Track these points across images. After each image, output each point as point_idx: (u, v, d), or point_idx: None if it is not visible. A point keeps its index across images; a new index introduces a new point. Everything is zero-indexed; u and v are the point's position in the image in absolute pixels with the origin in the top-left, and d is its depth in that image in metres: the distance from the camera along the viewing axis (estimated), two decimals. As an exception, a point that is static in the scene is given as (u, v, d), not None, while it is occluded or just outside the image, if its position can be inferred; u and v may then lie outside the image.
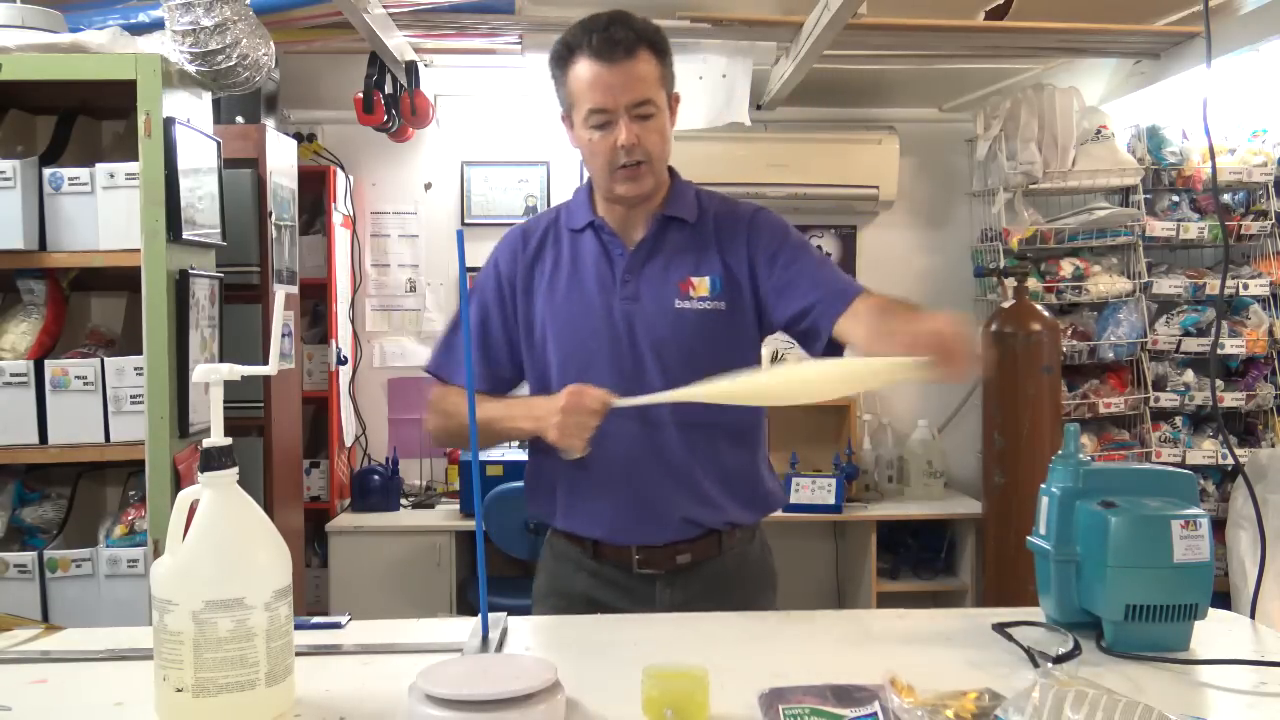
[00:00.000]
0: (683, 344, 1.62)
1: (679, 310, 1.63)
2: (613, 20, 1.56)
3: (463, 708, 0.99)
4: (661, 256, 1.66)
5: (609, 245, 1.67)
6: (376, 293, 4.15)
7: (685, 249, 1.67)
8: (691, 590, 1.66)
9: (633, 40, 1.55)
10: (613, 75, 1.55)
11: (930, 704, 1.05)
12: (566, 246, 1.70)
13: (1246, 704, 1.17)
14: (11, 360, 2.30)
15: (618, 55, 1.54)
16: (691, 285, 1.64)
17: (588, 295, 1.65)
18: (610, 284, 1.65)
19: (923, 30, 3.23)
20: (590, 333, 1.64)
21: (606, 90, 1.55)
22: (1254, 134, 3.91)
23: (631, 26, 1.56)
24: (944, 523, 3.92)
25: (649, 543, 1.65)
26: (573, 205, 1.74)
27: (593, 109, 1.57)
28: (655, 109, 1.58)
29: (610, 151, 1.58)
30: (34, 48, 2.29)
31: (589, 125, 1.58)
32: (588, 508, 1.65)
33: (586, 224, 1.69)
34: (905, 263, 4.22)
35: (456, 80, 3.99)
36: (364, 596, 3.55)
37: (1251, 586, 2.02)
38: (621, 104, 1.55)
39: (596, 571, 1.68)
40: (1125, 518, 1.29)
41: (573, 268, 1.68)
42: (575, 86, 1.59)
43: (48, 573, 2.30)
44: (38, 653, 1.35)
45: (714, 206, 1.72)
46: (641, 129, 1.57)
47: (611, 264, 1.66)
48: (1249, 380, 3.95)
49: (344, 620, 1.47)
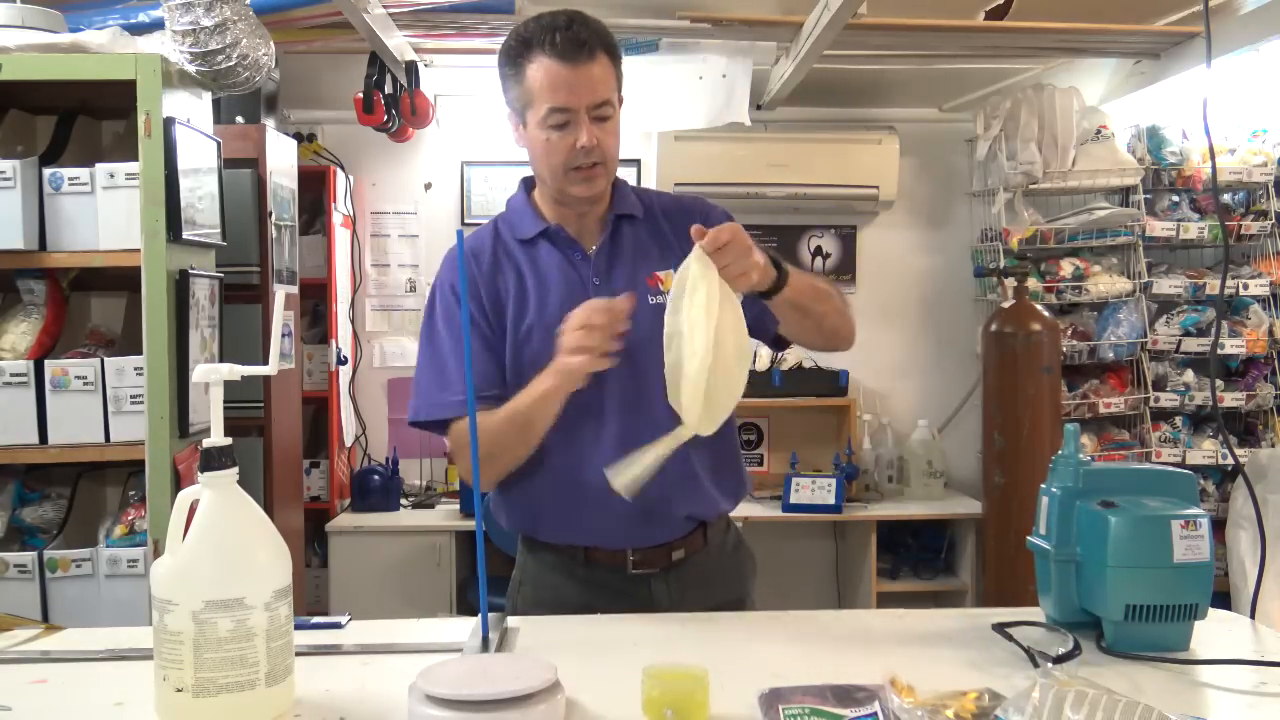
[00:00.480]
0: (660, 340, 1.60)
1: (655, 305, 1.60)
2: (573, 20, 1.54)
3: (463, 708, 0.99)
4: (625, 255, 1.65)
5: (568, 252, 1.64)
6: (376, 293, 4.15)
7: (645, 245, 1.66)
8: (686, 584, 1.65)
9: (594, 42, 1.54)
10: (575, 75, 1.53)
11: (930, 704, 1.05)
12: (522, 259, 1.65)
13: (1246, 704, 1.17)
14: (11, 360, 2.31)
15: (580, 56, 1.52)
16: (660, 280, 1.63)
17: (561, 304, 1.59)
18: (580, 290, 1.61)
19: (923, 30, 3.23)
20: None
21: (569, 90, 1.53)
22: (1254, 134, 3.91)
23: (589, 26, 1.55)
24: (944, 523, 3.92)
25: (646, 544, 1.63)
26: (512, 217, 1.69)
27: (554, 108, 1.54)
28: (612, 110, 1.57)
29: (568, 152, 1.56)
30: (34, 48, 2.29)
31: (547, 125, 1.56)
32: (582, 519, 1.61)
33: (539, 232, 1.65)
34: (905, 263, 4.22)
35: (456, 80, 3.99)
36: (364, 596, 3.54)
37: (1251, 586, 2.02)
38: (583, 104, 1.53)
39: (588, 578, 1.65)
40: (1125, 518, 1.29)
41: (537, 279, 1.63)
42: (533, 85, 1.55)
43: (48, 573, 2.30)
44: (38, 653, 1.35)
45: (655, 201, 1.72)
46: (600, 130, 1.55)
47: (576, 269, 1.64)
48: (1249, 380, 3.95)
49: (344, 620, 1.47)
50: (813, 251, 4.18)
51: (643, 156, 4.11)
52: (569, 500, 1.61)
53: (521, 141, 1.64)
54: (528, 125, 1.60)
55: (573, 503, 1.61)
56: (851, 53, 3.42)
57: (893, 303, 4.22)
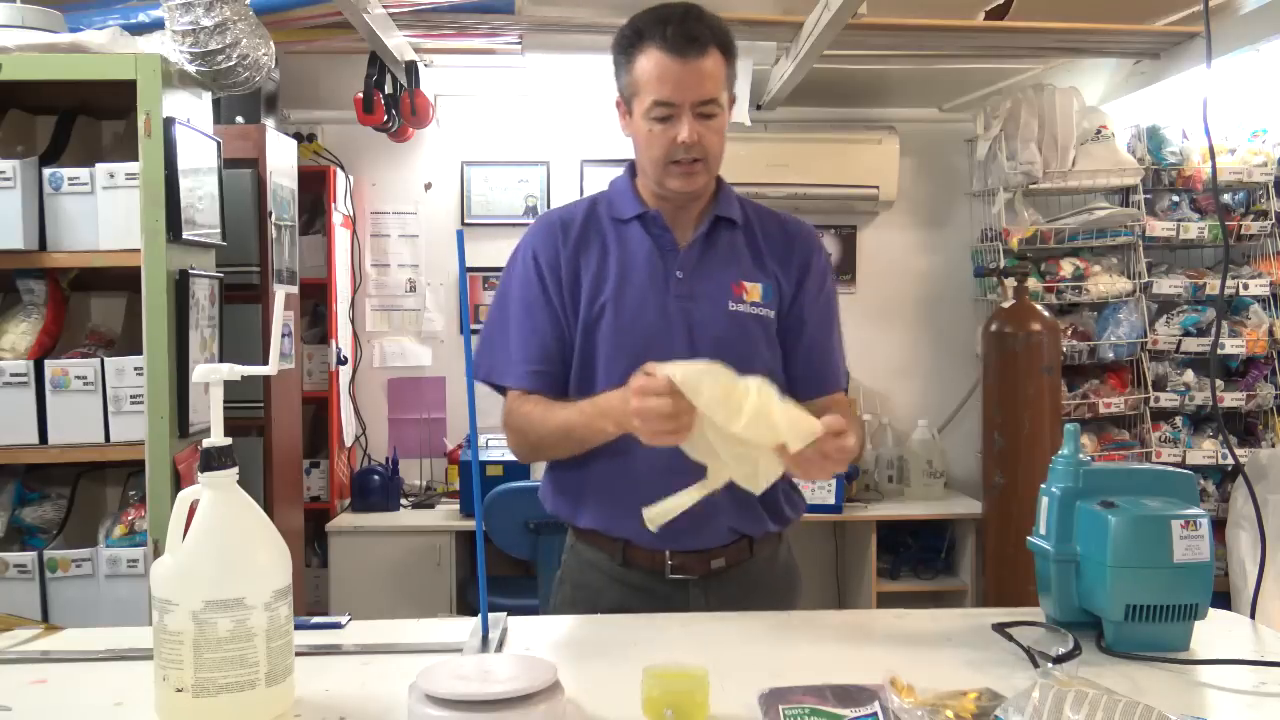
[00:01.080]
0: (737, 345, 1.59)
1: (733, 312, 1.61)
2: (689, 14, 1.53)
3: (463, 708, 0.99)
4: (715, 256, 1.64)
5: (660, 239, 1.64)
6: (376, 293, 4.15)
7: (739, 252, 1.65)
8: (724, 594, 1.62)
9: (706, 37, 1.52)
10: (683, 70, 1.52)
11: (930, 704, 1.05)
12: (612, 237, 1.65)
13: (1246, 704, 1.17)
14: (11, 360, 2.30)
15: (690, 51, 1.51)
16: (744, 289, 1.62)
17: (640, 289, 1.61)
18: (663, 279, 1.61)
19: (923, 30, 3.23)
20: (644, 328, 1.60)
21: (675, 85, 1.52)
22: (1254, 134, 3.91)
23: (705, 22, 1.53)
24: (944, 523, 3.92)
25: (685, 547, 1.61)
26: (613, 195, 1.69)
27: (658, 101, 1.54)
28: (718, 109, 1.56)
29: (669, 145, 1.55)
30: (34, 48, 2.29)
31: (651, 117, 1.56)
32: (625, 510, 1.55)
33: (635, 215, 1.65)
34: (905, 263, 4.22)
35: (456, 80, 3.99)
36: (364, 596, 3.54)
37: (1251, 586, 2.02)
38: (688, 100, 1.53)
39: (625, 579, 1.63)
40: (1125, 518, 1.29)
41: (622, 261, 1.63)
42: (641, 75, 1.55)
43: (48, 573, 2.30)
44: (38, 653, 1.35)
45: (756, 214, 1.71)
46: (703, 128, 1.55)
47: (664, 259, 1.63)
48: (1249, 380, 3.95)
49: (344, 620, 1.47)
50: (813, 251, 4.18)
51: (643, 156, 4.11)
52: (614, 489, 1.60)
53: (627, 129, 1.63)
54: (633, 114, 1.60)
55: (617, 492, 1.58)
56: (851, 53, 3.42)
57: (893, 303, 4.22)
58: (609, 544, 1.64)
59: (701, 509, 1.48)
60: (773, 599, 1.63)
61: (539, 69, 3.82)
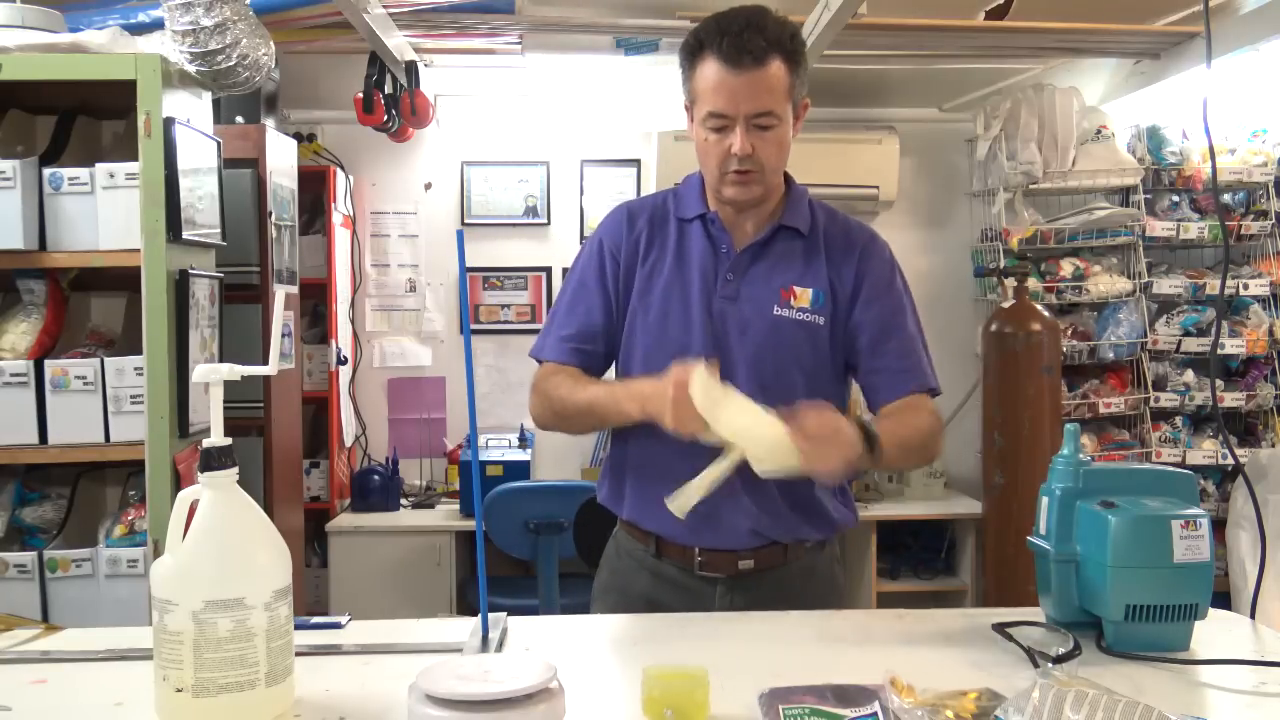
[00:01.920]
0: (774, 351, 1.60)
1: (776, 317, 1.61)
2: (749, 24, 1.51)
3: (463, 708, 0.99)
4: (768, 260, 1.65)
5: (717, 240, 1.65)
6: (376, 293, 4.15)
7: (794, 257, 1.65)
8: (752, 596, 1.62)
9: (763, 49, 1.50)
10: (737, 82, 1.51)
11: (930, 704, 1.05)
12: (673, 233, 1.67)
13: (1246, 704, 1.17)
14: (11, 360, 2.30)
15: (745, 62, 1.50)
16: (794, 294, 1.62)
17: (688, 286, 1.63)
18: (712, 279, 1.63)
19: (923, 30, 3.23)
20: (684, 325, 1.62)
21: (729, 97, 1.52)
22: (1254, 134, 3.91)
23: (765, 33, 1.51)
24: (944, 523, 3.92)
25: (712, 546, 1.62)
26: (683, 193, 1.71)
27: (712, 112, 1.54)
28: (776, 120, 1.54)
29: (723, 156, 1.56)
30: (34, 48, 2.29)
31: (707, 126, 1.56)
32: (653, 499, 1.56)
33: (698, 215, 1.67)
34: (905, 263, 4.11)
35: (456, 80, 3.99)
36: (364, 596, 3.54)
37: (1251, 586, 2.02)
38: (742, 112, 1.52)
39: (657, 570, 1.66)
40: (1125, 518, 1.29)
41: (677, 256, 1.65)
42: (699, 85, 1.55)
43: (48, 573, 2.30)
44: (38, 653, 1.35)
45: (825, 219, 1.70)
46: (758, 139, 1.54)
47: (717, 260, 1.64)
48: (1249, 380, 3.95)
49: (344, 620, 1.47)
50: (813, 251, 4.18)
51: (643, 156, 4.11)
52: (647, 484, 1.61)
53: (691, 134, 1.64)
54: (694, 121, 1.60)
55: (650, 487, 1.59)
56: (851, 53, 3.42)
57: (893, 303, 4.21)
58: (643, 535, 1.67)
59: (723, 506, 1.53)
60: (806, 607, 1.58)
61: (539, 69, 3.82)
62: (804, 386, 1.61)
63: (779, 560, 1.65)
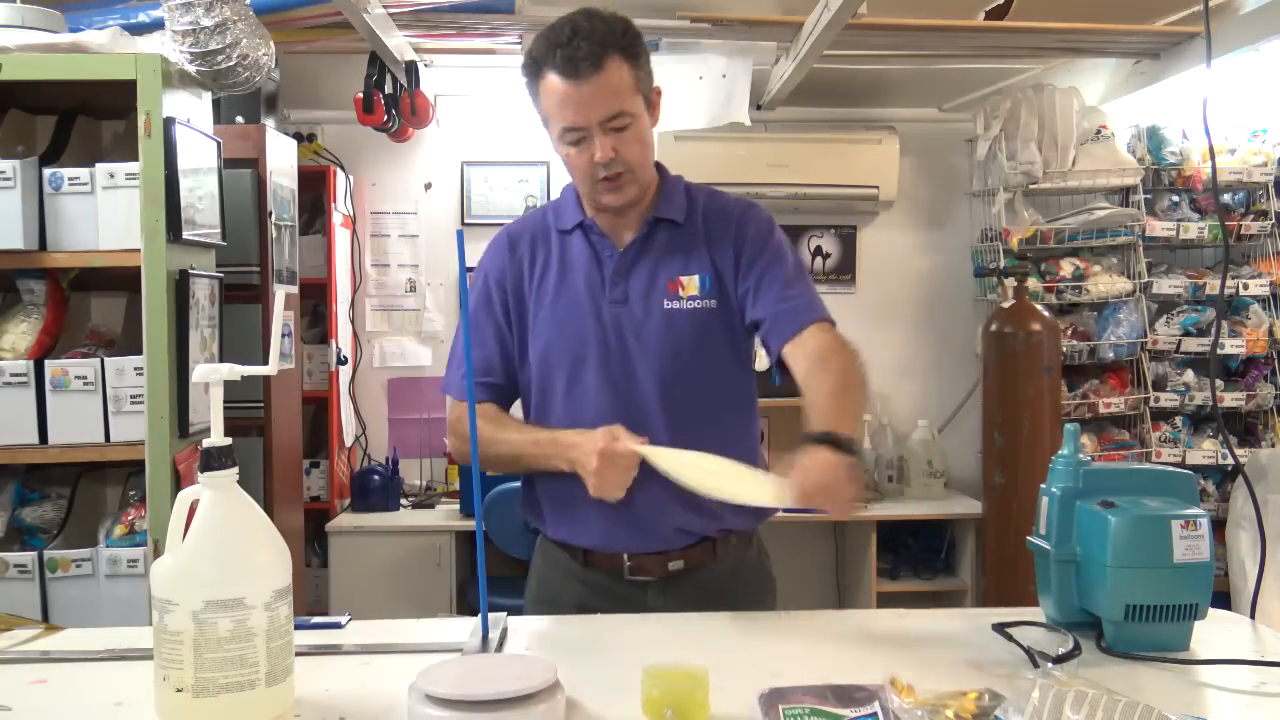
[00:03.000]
0: (673, 345, 1.60)
1: (668, 311, 1.61)
2: (575, 31, 1.49)
3: (463, 708, 0.99)
4: (650, 257, 1.64)
5: (599, 247, 1.65)
6: (376, 293, 4.15)
7: (674, 249, 1.64)
8: (685, 597, 1.62)
9: (597, 52, 1.49)
10: (580, 92, 1.50)
11: (930, 704, 1.05)
12: (555, 248, 1.66)
13: (1246, 704, 1.17)
14: (11, 360, 2.30)
15: (583, 71, 1.49)
16: (680, 285, 1.62)
17: (577, 298, 1.62)
18: (599, 287, 1.63)
19: (923, 30, 3.23)
20: (579, 338, 1.61)
21: (577, 108, 1.51)
22: (1254, 134, 3.91)
23: (594, 37, 1.49)
24: (944, 523, 3.92)
25: (640, 550, 1.62)
26: (561, 205, 1.70)
27: (565, 127, 1.53)
28: (630, 118, 1.53)
29: (588, 166, 1.55)
30: (34, 48, 2.29)
31: (565, 141, 1.56)
32: (577, 519, 1.62)
33: (575, 225, 1.66)
34: (905, 263, 4.22)
35: (456, 80, 3.99)
36: (364, 596, 3.54)
37: (1251, 586, 2.02)
38: (594, 120, 1.51)
39: (586, 579, 1.66)
40: (1125, 518, 1.29)
41: (561, 270, 1.65)
42: (546, 103, 1.55)
43: (48, 573, 2.30)
44: (38, 653, 1.35)
45: (703, 202, 1.69)
46: (618, 140, 1.53)
47: (601, 266, 1.64)
48: (1249, 380, 3.95)
49: (344, 620, 1.47)
50: (813, 251, 4.19)
51: (643, 156, 4.11)
52: (568, 501, 1.61)
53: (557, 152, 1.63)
54: (554, 139, 1.59)
55: (571, 503, 1.60)
56: (851, 53, 3.42)
57: (893, 303, 4.22)
58: (571, 548, 1.67)
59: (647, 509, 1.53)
60: (740, 606, 1.60)
61: (539, 69, 3.82)
62: (708, 378, 1.62)
63: (709, 559, 1.64)
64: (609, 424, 1.54)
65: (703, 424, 1.61)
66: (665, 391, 1.59)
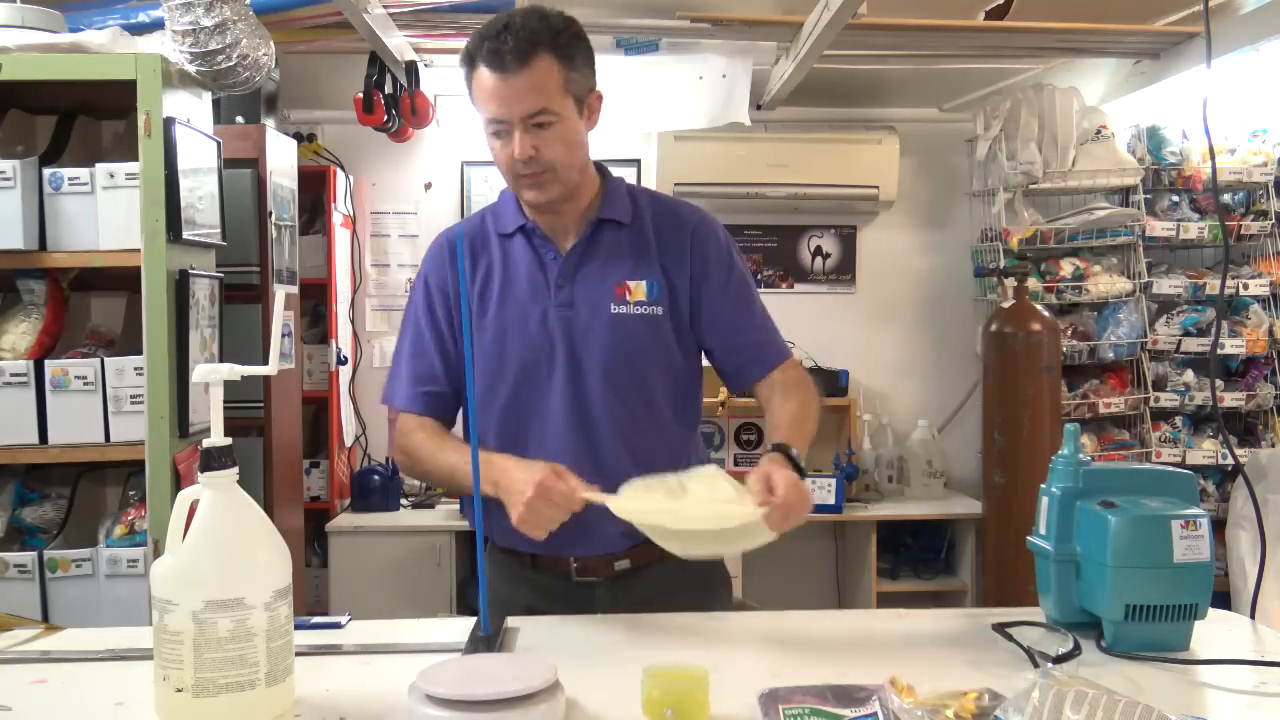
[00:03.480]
0: (621, 350, 1.58)
1: (615, 315, 1.59)
2: (507, 26, 1.49)
3: (463, 708, 0.99)
4: (597, 260, 1.62)
5: (541, 250, 1.63)
6: (376, 293, 4.15)
7: (621, 252, 1.62)
8: (634, 595, 1.61)
9: (524, 48, 1.48)
10: (505, 85, 1.50)
11: (930, 704, 1.05)
12: (497, 252, 1.64)
13: (1246, 704, 1.17)
14: (11, 360, 2.30)
15: (508, 64, 1.49)
16: (628, 289, 1.60)
17: (521, 303, 1.60)
18: (544, 291, 1.60)
19: (923, 30, 3.23)
20: (525, 344, 1.59)
21: (499, 101, 1.51)
22: (1254, 134, 3.91)
23: (523, 33, 1.49)
24: (944, 523, 3.92)
25: (586, 554, 1.61)
26: (500, 208, 1.69)
27: (489, 119, 1.54)
28: (554, 117, 1.52)
29: (509, 161, 1.54)
30: (34, 48, 2.29)
31: (489, 133, 1.56)
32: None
33: (516, 228, 1.64)
34: (905, 263, 4.22)
35: (456, 80, 3.92)
36: (364, 596, 3.54)
37: (1251, 586, 2.02)
38: (515, 114, 1.50)
39: (535, 581, 1.65)
40: (1125, 518, 1.29)
41: (504, 275, 1.62)
42: (476, 94, 1.55)
43: (48, 573, 2.30)
44: (38, 653, 1.35)
45: (650, 206, 1.68)
46: (539, 139, 1.52)
47: (545, 270, 1.61)
48: (1249, 380, 3.95)
49: (344, 620, 1.47)
50: (813, 251, 4.19)
51: (643, 156, 4.11)
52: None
53: None
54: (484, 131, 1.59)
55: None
56: (851, 53, 3.42)
57: (893, 303, 4.22)
58: (518, 554, 1.65)
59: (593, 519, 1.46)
60: (692, 602, 1.57)
61: (539, 69, 3.81)
62: (659, 382, 1.61)
63: (654, 556, 1.58)
64: (558, 431, 1.54)
65: (651, 429, 1.61)
66: (614, 397, 1.57)
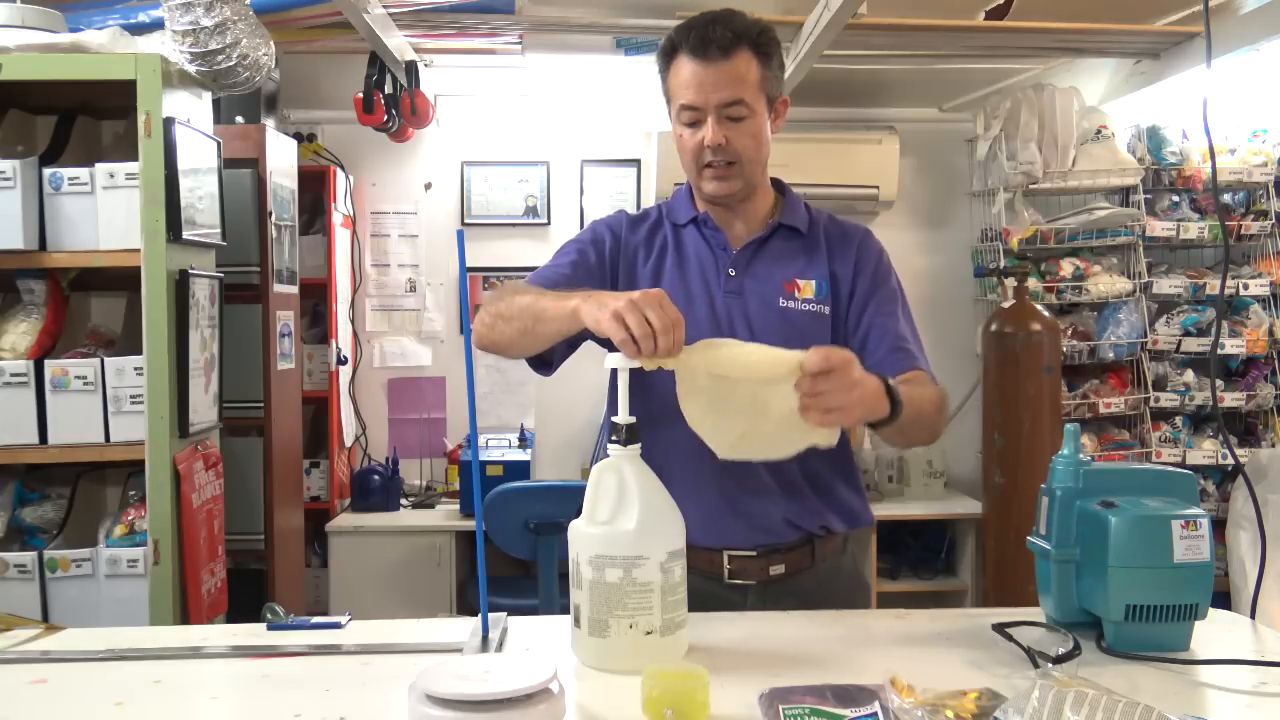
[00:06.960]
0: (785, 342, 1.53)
1: (783, 309, 1.62)
2: (716, 19, 1.55)
3: (463, 708, 0.99)
4: (769, 256, 1.66)
5: (712, 240, 1.67)
6: (376, 293, 4.15)
7: (794, 253, 1.67)
8: (785, 603, 1.59)
9: (730, 40, 1.53)
10: (706, 73, 1.54)
11: (930, 704, 1.05)
12: (671, 237, 1.70)
13: (1246, 704, 1.17)
14: (11, 360, 2.30)
15: (712, 53, 1.53)
16: (797, 286, 1.64)
17: (692, 286, 1.65)
18: (715, 277, 1.65)
19: (923, 30, 3.23)
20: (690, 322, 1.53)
21: (698, 88, 1.55)
22: (1254, 134, 3.91)
23: (732, 26, 1.54)
24: (944, 523, 3.92)
25: (742, 546, 1.59)
26: (674, 203, 1.74)
27: (683, 105, 1.57)
28: (747, 110, 1.56)
29: (697, 149, 1.58)
30: (34, 48, 2.29)
31: (681, 121, 1.59)
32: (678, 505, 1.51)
33: (689, 219, 1.69)
34: (905, 263, 4.22)
35: (456, 80, 3.99)
36: (364, 596, 3.55)
37: (1251, 586, 2.02)
38: (712, 103, 1.54)
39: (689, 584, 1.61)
40: (1125, 518, 1.29)
41: (677, 257, 1.68)
42: (673, 82, 1.59)
43: (48, 573, 2.30)
44: (38, 653, 1.35)
45: (824, 221, 1.73)
46: (731, 130, 1.56)
47: (715, 257, 1.66)
48: (1249, 380, 3.95)
49: (344, 620, 1.47)
50: (813, 251, 4.18)
51: (643, 156, 4.11)
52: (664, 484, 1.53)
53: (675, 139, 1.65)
54: (673, 121, 1.62)
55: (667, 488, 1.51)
56: (851, 53, 3.42)
57: (893, 303, 4.21)
58: None
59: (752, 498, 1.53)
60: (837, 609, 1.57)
61: (539, 69, 3.82)
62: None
63: (807, 562, 1.62)
64: None
65: None
66: None
